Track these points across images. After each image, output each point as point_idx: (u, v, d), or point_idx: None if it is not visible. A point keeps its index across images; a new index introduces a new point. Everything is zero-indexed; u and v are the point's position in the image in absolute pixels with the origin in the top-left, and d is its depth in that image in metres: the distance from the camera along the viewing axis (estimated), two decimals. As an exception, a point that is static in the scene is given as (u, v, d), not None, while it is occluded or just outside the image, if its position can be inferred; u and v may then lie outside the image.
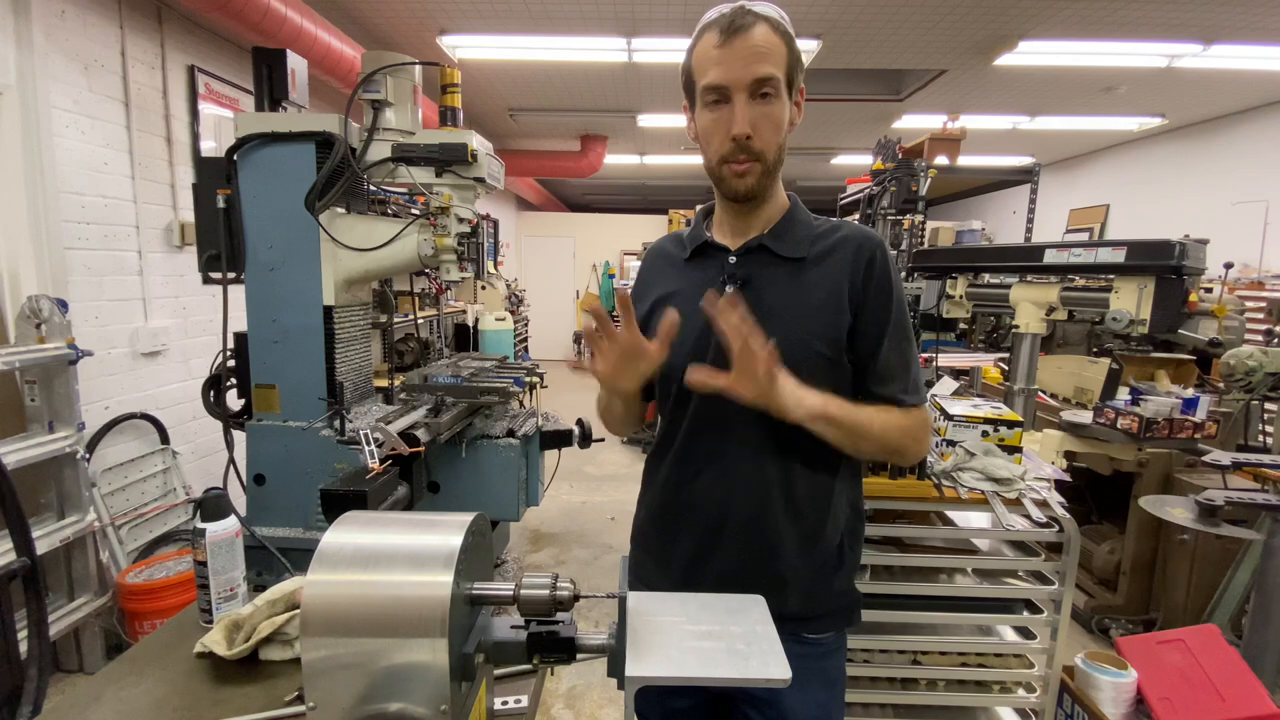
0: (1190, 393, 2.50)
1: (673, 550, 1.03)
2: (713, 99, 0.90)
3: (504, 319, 5.62)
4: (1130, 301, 2.01)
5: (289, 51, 1.84)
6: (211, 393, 1.95)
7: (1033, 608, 1.67)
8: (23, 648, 1.24)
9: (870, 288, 0.94)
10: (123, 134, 2.72)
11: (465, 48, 4.26)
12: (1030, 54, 4.18)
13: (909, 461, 1.01)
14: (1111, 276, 2.17)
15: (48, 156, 2.37)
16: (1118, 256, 2.02)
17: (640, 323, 1.07)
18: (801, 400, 0.85)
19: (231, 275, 1.81)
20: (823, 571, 0.98)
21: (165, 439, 2.87)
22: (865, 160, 6.54)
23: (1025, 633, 1.70)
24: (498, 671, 0.95)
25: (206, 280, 1.84)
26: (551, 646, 0.65)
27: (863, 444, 0.92)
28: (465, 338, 5.07)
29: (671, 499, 1.03)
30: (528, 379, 2.28)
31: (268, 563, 1.68)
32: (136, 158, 2.77)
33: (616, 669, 0.60)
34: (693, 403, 0.98)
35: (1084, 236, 7.05)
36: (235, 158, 1.75)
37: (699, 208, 1.11)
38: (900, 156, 3.52)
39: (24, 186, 2.33)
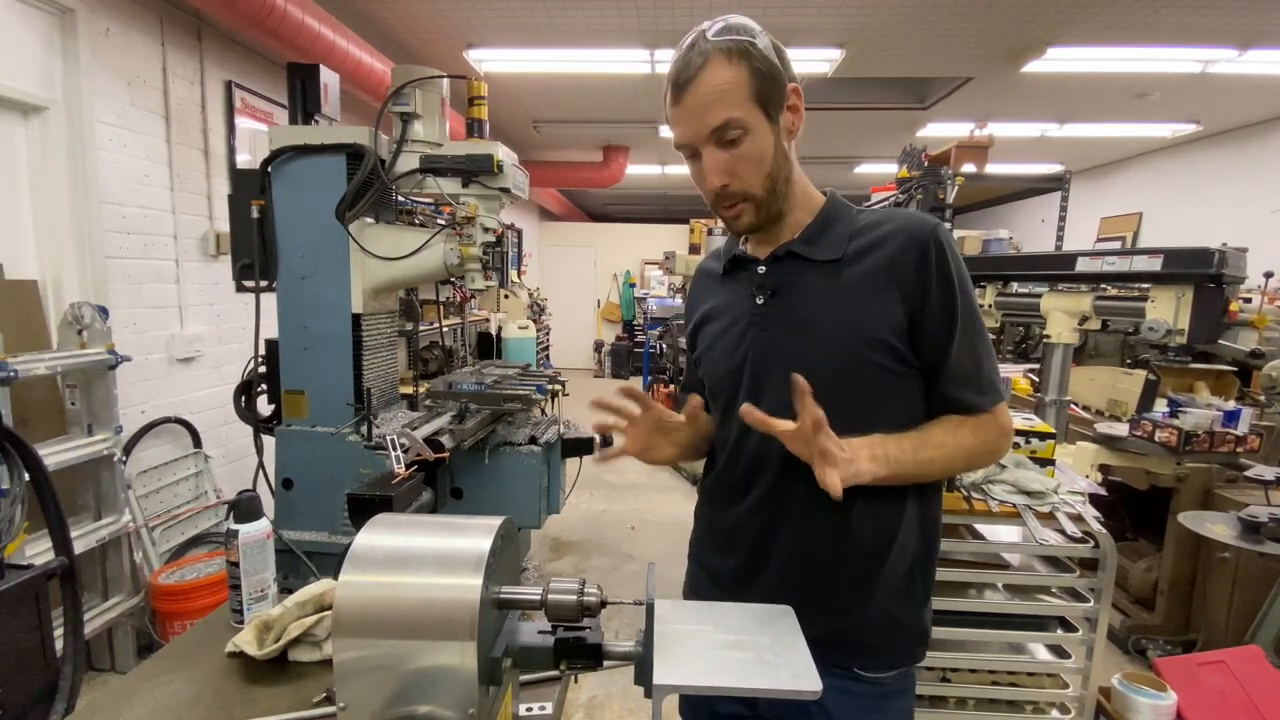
0: (1232, 405, 2.42)
1: (722, 568, 1.00)
2: (687, 156, 0.88)
3: (526, 327, 5.66)
4: (1167, 311, 1.95)
5: (322, 66, 1.89)
6: (243, 398, 1.99)
7: (1067, 626, 1.62)
8: (58, 645, 1.27)
9: (929, 282, 0.84)
10: (163, 147, 2.82)
11: (491, 61, 4.33)
12: (1059, 60, 4.11)
13: (984, 467, 0.96)
14: (1146, 286, 2.12)
15: (91, 169, 2.46)
16: (1154, 265, 1.97)
17: (689, 342, 1.08)
18: (858, 474, 0.78)
19: (264, 283, 1.85)
20: (884, 600, 0.90)
21: (198, 443, 2.93)
22: (888, 169, 6.48)
23: (1059, 651, 1.64)
24: (521, 677, 0.95)
25: (240, 288, 1.89)
26: (578, 652, 0.64)
27: (927, 478, 0.87)
28: (488, 346, 5.12)
29: (720, 515, 1.00)
30: (550, 386, 2.29)
31: (294, 566, 1.70)
32: (175, 170, 2.86)
33: (644, 677, 0.60)
34: (734, 419, 0.94)
35: (1116, 245, 6.89)
36: (269, 169, 1.80)
37: None
38: (926, 164, 3.49)
39: (68, 198, 2.42)
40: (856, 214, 0.94)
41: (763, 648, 0.63)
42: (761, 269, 0.94)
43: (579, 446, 2.21)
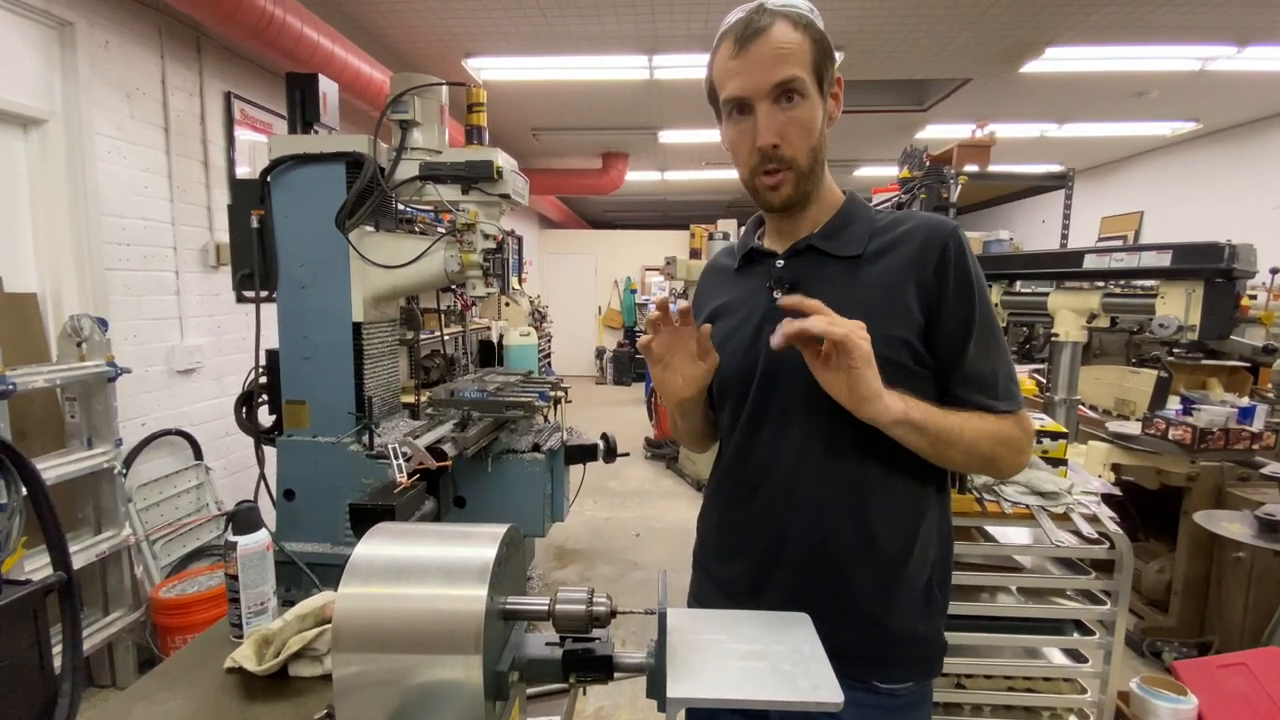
0: (1246, 401, 2.40)
1: (730, 574, 0.97)
2: (736, 111, 0.85)
3: (528, 334, 5.66)
4: (1178, 307, 1.93)
5: (321, 76, 1.89)
6: (243, 409, 1.98)
7: (1082, 629, 1.59)
8: (56, 662, 1.24)
9: (947, 284, 0.84)
10: (162, 158, 2.81)
11: (490, 69, 4.34)
12: (1058, 60, 4.11)
13: (1004, 474, 0.92)
14: (1152, 283, 2.10)
15: (91, 181, 2.45)
16: (1163, 260, 1.95)
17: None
18: (883, 404, 0.76)
19: (264, 293, 1.84)
20: (904, 612, 0.88)
21: (199, 455, 2.92)
22: (887, 172, 6.47)
23: (1076, 655, 1.62)
24: (529, 690, 0.92)
25: (240, 299, 1.88)
26: (588, 665, 0.62)
27: (950, 452, 0.83)
28: (490, 353, 5.11)
29: (727, 520, 0.97)
30: (552, 393, 2.27)
31: (296, 578, 1.68)
32: (175, 181, 2.86)
33: (657, 689, 0.57)
34: (745, 415, 0.92)
35: (1118, 244, 6.87)
36: (269, 179, 1.79)
37: (752, 218, 1.04)
38: (928, 164, 3.48)
39: (68, 210, 2.42)
40: (873, 213, 0.93)
41: (779, 657, 0.60)
42: (780, 263, 0.92)
43: (583, 453, 2.19)
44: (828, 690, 0.55)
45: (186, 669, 0.99)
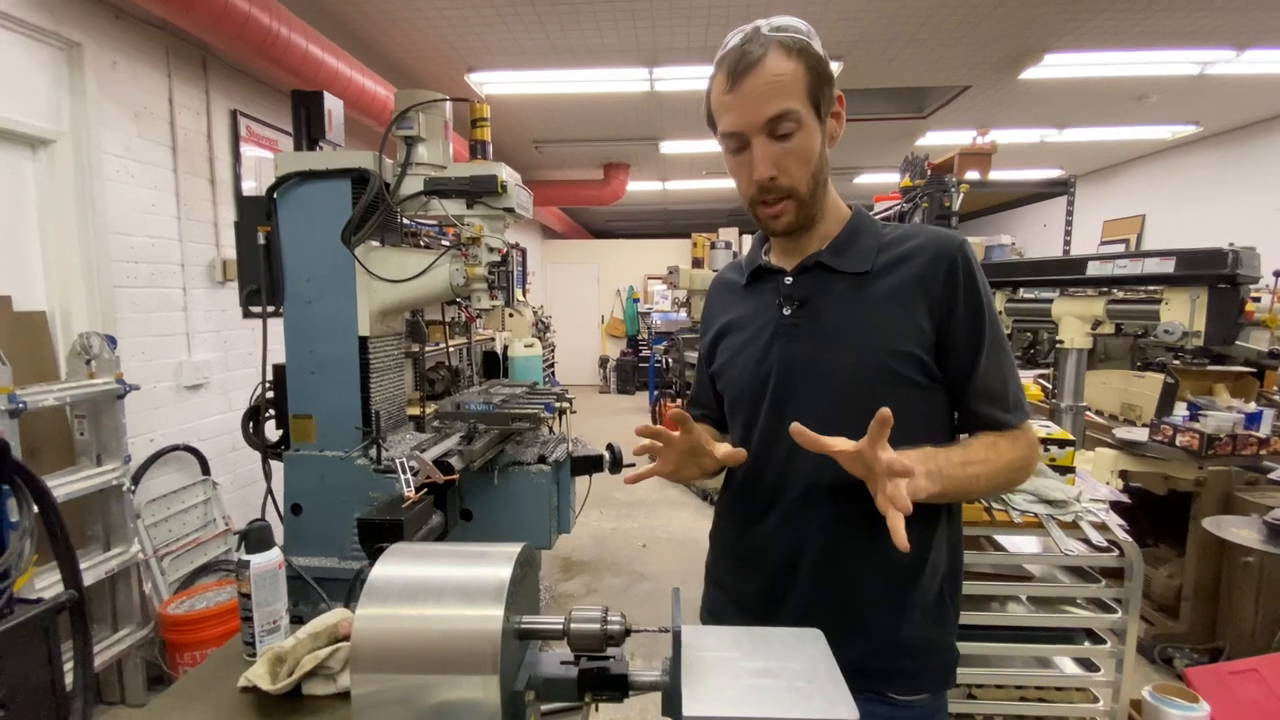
0: (1253, 407, 2.39)
1: (744, 589, 0.97)
2: (732, 145, 0.86)
3: (532, 345, 5.67)
4: (1182, 313, 1.93)
5: (325, 93, 1.91)
6: (250, 424, 1.99)
7: (1093, 637, 1.58)
8: (68, 680, 1.25)
9: (957, 298, 0.84)
10: (170, 176, 2.84)
11: (492, 84, 4.38)
12: (1057, 66, 4.13)
13: (1018, 484, 0.94)
14: (1155, 288, 2.10)
15: (99, 200, 2.48)
16: (1166, 267, 1.95)
17: (705, 353, 1.06)
18: (914, 492, 0.74)
19: (271, 309, 1.85)
20: (917, 623, 0.88)
21: (206, 470, 2.92)
22: (888, 179, 6.49)
23: (1087, 664, 1.60)
24: (542, 707, 0.92)
25: (247, 314, 1.89)
26: (603, 683, 0.62)
27: (967, 497, 0.85)
28: (494, 365, 5.12)
29: (741, 535, 0.97)
30: (558, 404, 2.28)
31: (304, 593, 1.68)
32: (182, 199, 2.89)
33: (672, 708, 0.58)
34: (756, 433, 0.93)
35: (1120, 248, 6.88)
36: (275, 196, 1.81)
37: (758, 233, 1.04)
38: (930, 172, 3.49)
39: (77, 229, 2.44)
40: (880, 228, 0.94)
41: (794, 674, 0.60)
42: (788, 280, 0.93)
43: (588, 464, 2.19)
44: (844, 707, 0.56)
45: (200, 688, 0.99)
